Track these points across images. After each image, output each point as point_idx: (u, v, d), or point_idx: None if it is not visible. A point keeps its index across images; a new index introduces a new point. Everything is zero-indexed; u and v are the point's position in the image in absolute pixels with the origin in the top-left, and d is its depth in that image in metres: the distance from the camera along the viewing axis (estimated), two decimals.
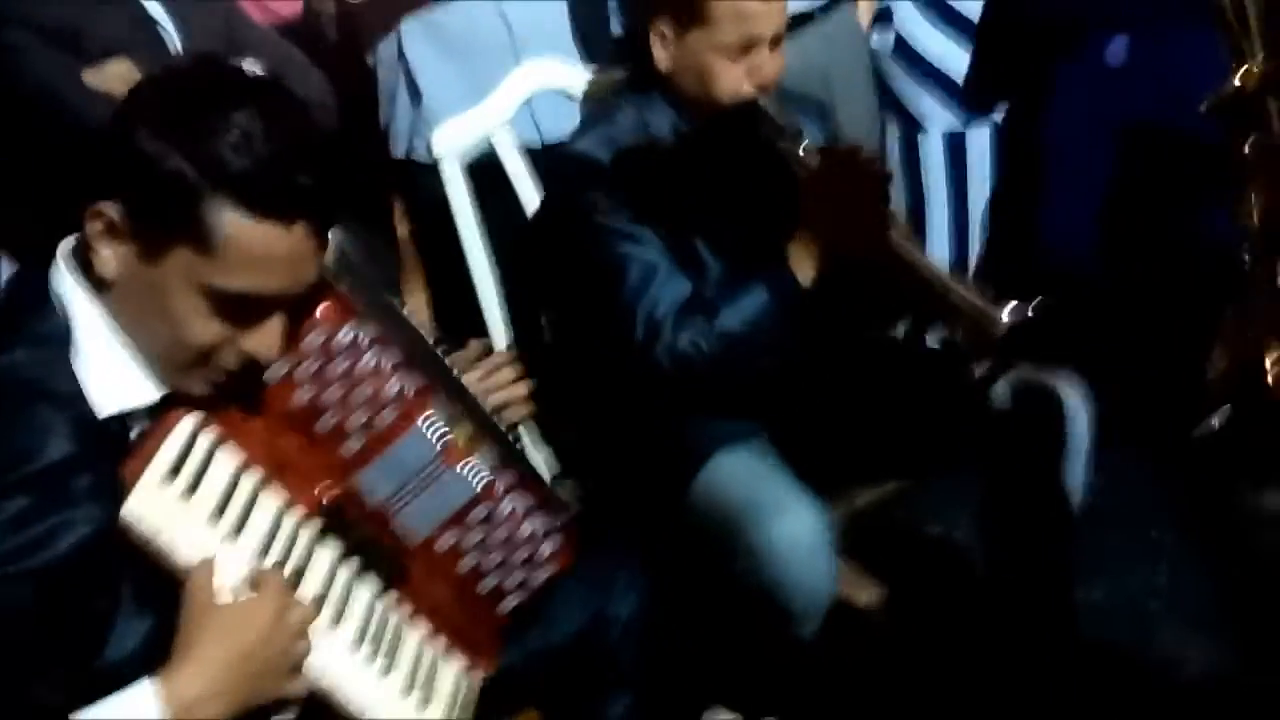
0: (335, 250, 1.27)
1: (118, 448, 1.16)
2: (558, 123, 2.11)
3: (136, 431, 1.19)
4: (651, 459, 1.77)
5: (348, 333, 1.26)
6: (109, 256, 1.13)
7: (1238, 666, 2.00)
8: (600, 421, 1.84)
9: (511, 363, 1.47)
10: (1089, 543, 1.88)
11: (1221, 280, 1.44)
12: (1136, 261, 2.33)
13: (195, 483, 1.18)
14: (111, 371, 1.16)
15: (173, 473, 1.17)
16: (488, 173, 2.03)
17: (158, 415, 1.19)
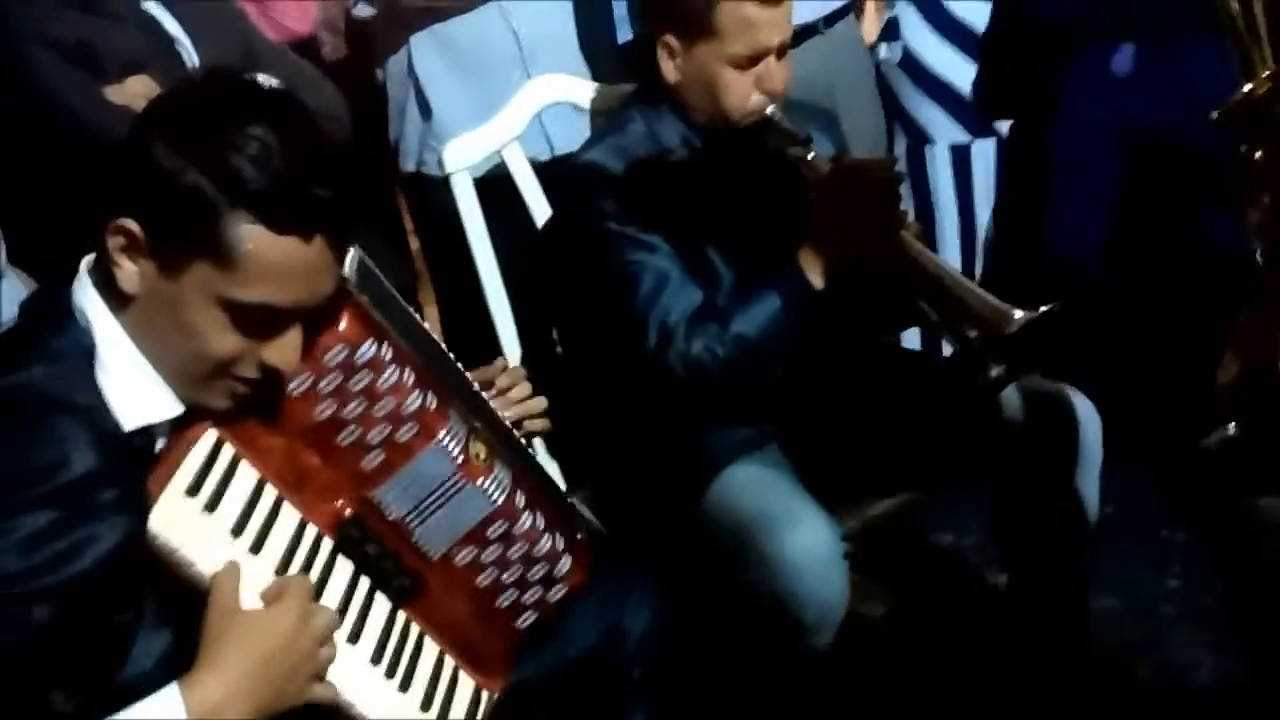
0: (356, 264, 1.28)
1: (141, 461, 1.17)
2: (568, 136, 2.12)
3: (160, 445, 1.20)
4: (664, 470, 1.77)
5: (369, 348, 1.26)
6: (129, 271, 1.14)
7: (1250, 672, 2.01)
8: (612, 434, 1.85)
9: (527, 377, 1.47)
10: (1100, 549, 1.88)
11: (1229, 287, 1.44)
12: (1143, 269, 2.33)
13: (217, 497, 1.19)
14: (134, 385, 1.17)
15: (195, 487, 1.17)
16: (498, 186, 2.04)
17: (180, 429, 1.20)
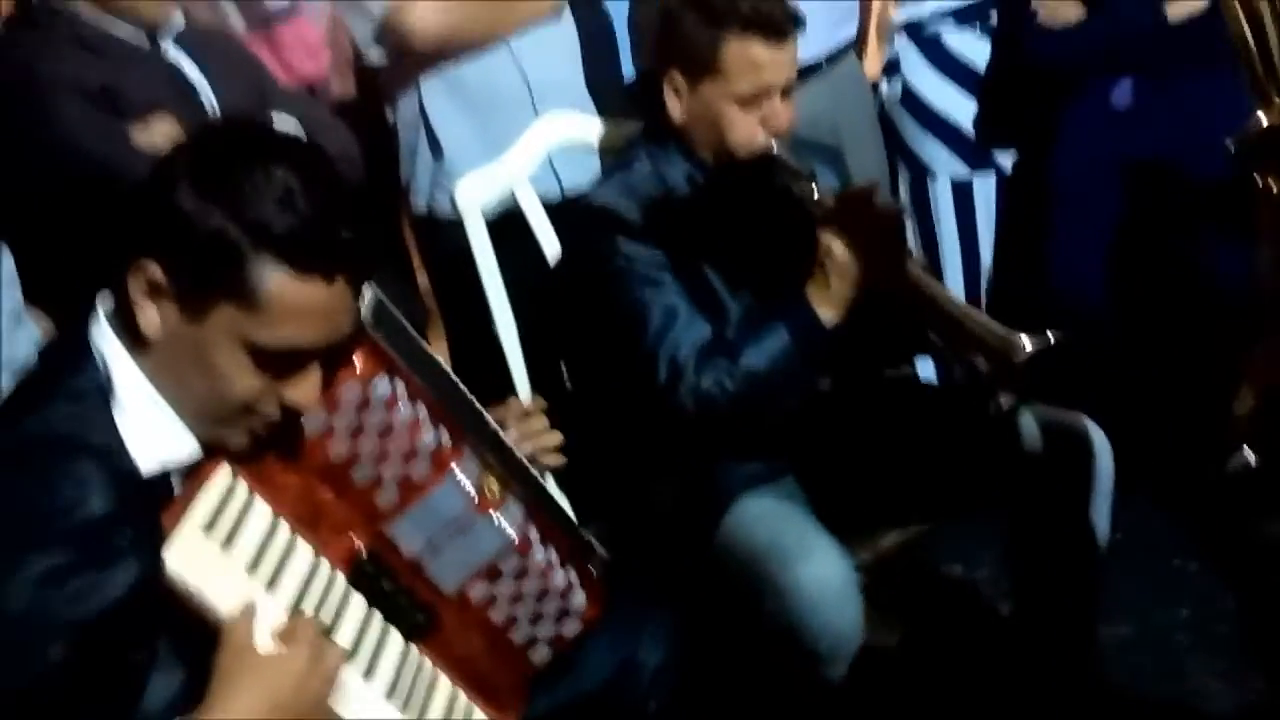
0: (370, 301, 1.29)
1: (157, 501, 1.18)
2: (577, 174, 2.14)
3: (176, 484, 1.21)
4: (677, 503, 1.78)
5: (384, 386, 1.27)
6: (151, 314, 1.15)
7: (1265, 701, 1.99)
8: (624, 468, 1.86)
9: (542, 412, 1.48)
10: (1112, 579, 1.88)
11: (1234, 316, 1.45)
12: (1147, 300, 2.34)
13: (232, 533, 1.20)
14: (152, 426, 1.18)
15: (210, 524, 1.18)
16: (508, 224, 2.06)
17: (195, 466, 1.21)
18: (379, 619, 1.30)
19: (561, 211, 2.07)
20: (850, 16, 2.65)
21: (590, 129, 2.10)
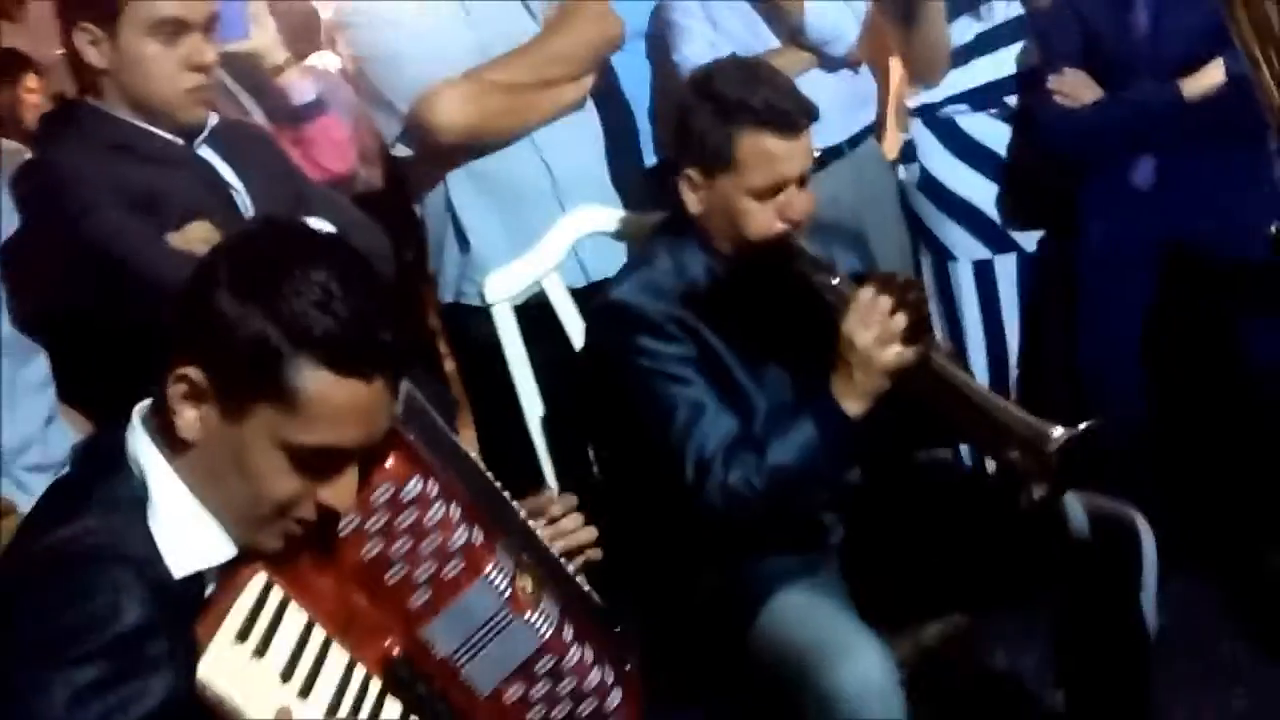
0: (403, 397, 1.29)
1: (192, 608, 1.17)
2: (603, 262, 2.16)
3: (210, 589, 1.19)
4: (710, 600, 1.75)
5: (415, 485, 1.26)
6: (190, 417, 1.15)
7: None
8: (656, 562, 1.83)
9: (576, 508, 1.47)
10: (1161, 667, 1.83)
11: (1273, 400, 1.43)
12: (1182, 382, 2.32)
13: (266, 641, 1.18)
14: (188, 531, 1.17)
15: (244, 632, 1.17)
16: (536, 313, 2.07)
17: (230, 571, 1.20)
18: None
19: (588, 299, 2.08)
20: (870, 99, 2.68)
21: (615, 221, 2.12)
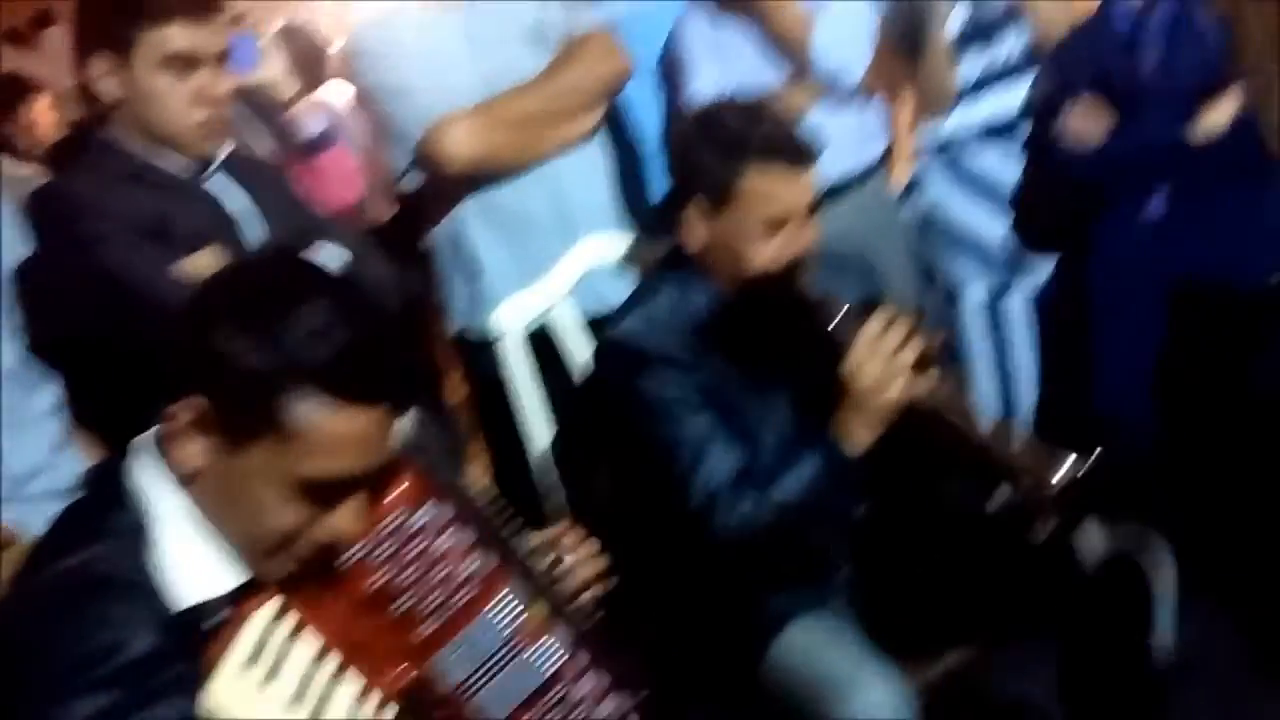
0: (412, 428, 1.28)
1: (199, 637, 1.16)
2: (613, 293, 2.15)
3: (218, 618, 1.18)
4: (721, 634, 1.74)
5: (425, 514, 1.26)
6: (193, 448, 1.15)
7: None
8: (667, 594, 1.82)
9: (586, 538, 1.46)
10: (1175, 698, 1.81)
11: None
12: (1196, 415, 2.31)
13: (274, 669, 1.17)
14: (193, 561, 1.17)
15: (252, 660, 1.15)
16: (545, 341, 2.06)
17: (238, 600, 1.19)
18: None
19: (598, 329, 2.07)
20: (880, 133, 2.69)
21: (624, 251, 2.12)
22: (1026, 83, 2.60)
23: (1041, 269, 2.64)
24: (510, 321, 2.01)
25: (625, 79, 2.41)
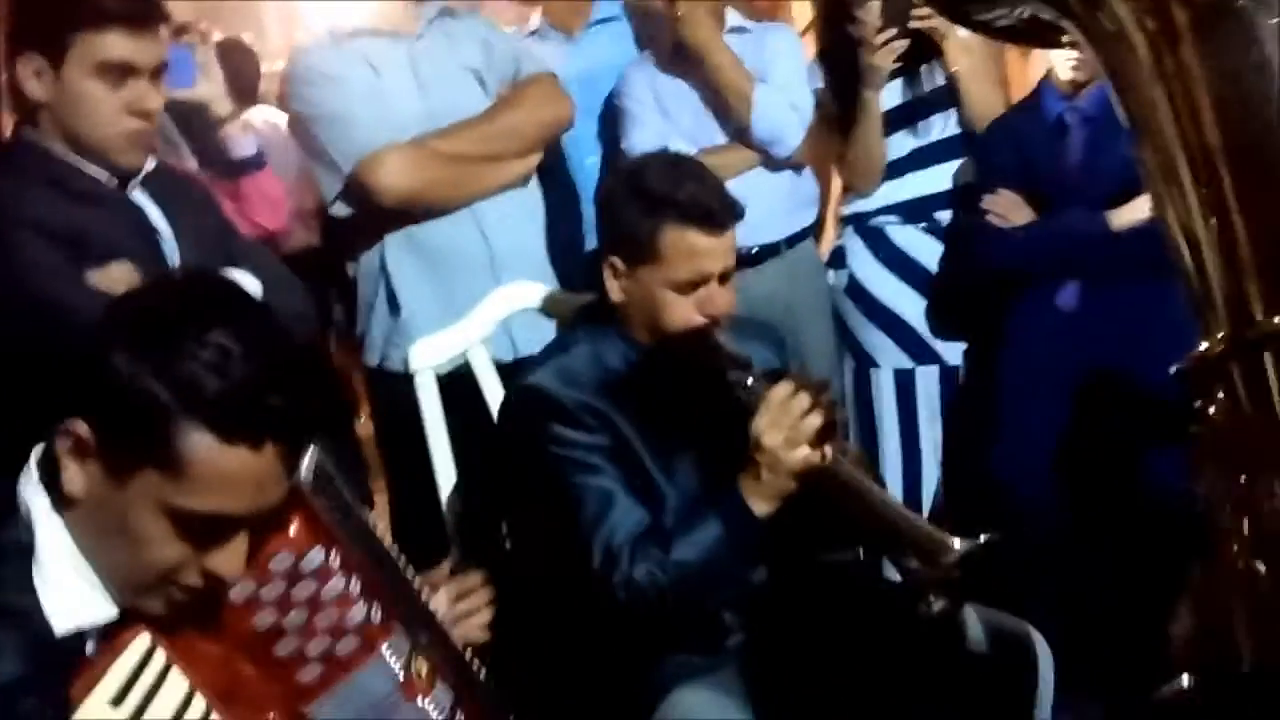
0: (313, 465, 1.26)
1: (70, 665, 1.12)
2: (532, 339, 2.16)
3: (91, 647, 1.15)
4: (608, 692, 1.73)
5: (316, 555, 1.23)
6: (75, 474, 1.12)
7: None
8: (559, 648, 1.81)
9: (484, 585, 1.45)
10: None
11: (1181, 529, 1.45)
12: (1093, 505, 2.35)
13: (142, 709, 1.13)
14: (70, 586, 1.13)
15: (120, 696, 1.12)
16: (458, 384, 2.05)
17: (114, 631, 1.16)
18: None
19: (512, 374, 2.07)
20: (811, 202, 2.73)
21: (541, 299, 2.12)
22: (952, 166, 2.66)
23: (954, 347, 2.69)
24: (426, 359, 1.99)
25: (566, 125, 2.43)
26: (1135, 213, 2.35)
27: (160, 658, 1.17)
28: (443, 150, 2.25)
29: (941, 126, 2.66)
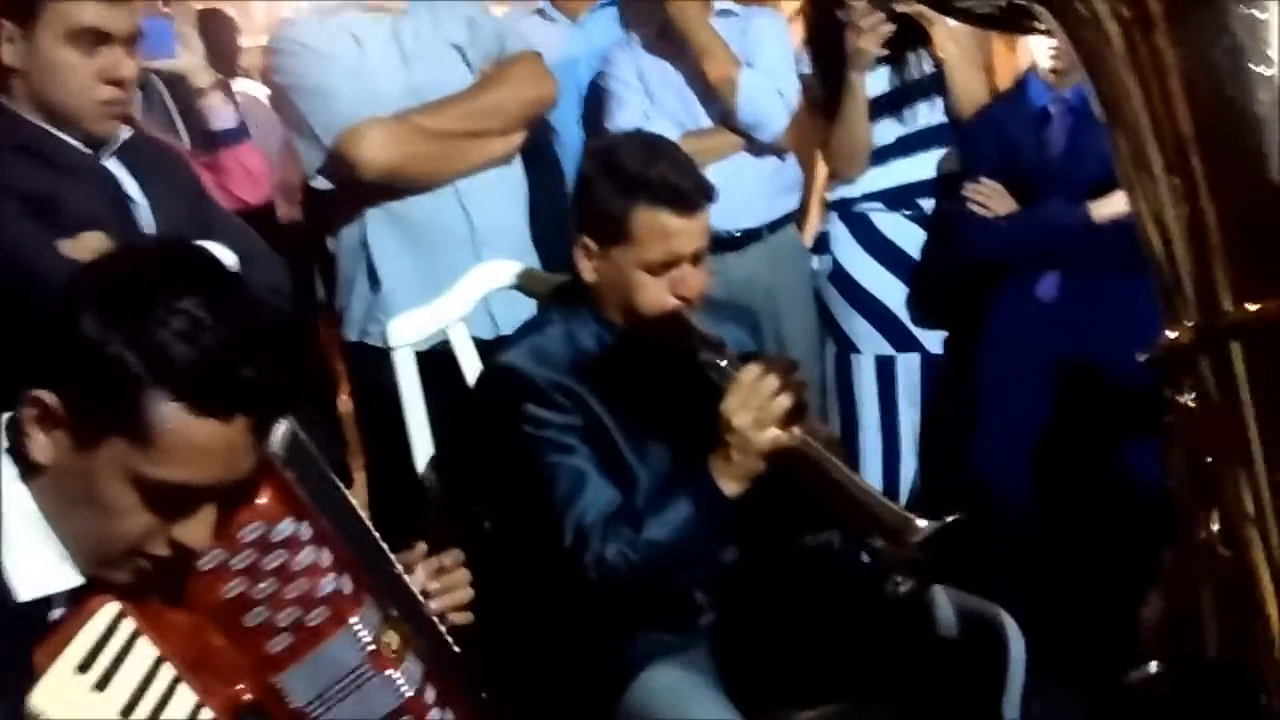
0: (287, 437, 1.26)
1: (35, 633, 1.12)
2: (513, 317, 2.15)
3: (56, 614, 1.15)
4: (578, 671, 1.73)
5: (287, 526, 1.23)
6: (41, 442, 1.11)
7: None
8: (533, 627, 1.81)
9: (462, 564, 1.45)
10: None
11: (1155, 517, 1.46)
12: (1068, 491, 2.37)
13: (109, 675, 1.13)
14: (35, 554, 1.13)
15: (87, 663, 1.12)
16: (438, 361, 2.05)
17: (81, 598, 1.15)
18: None
19: (492, 351, 2.06)
20: (794, 187, 2.73)
21: (516, 277, 2.11)
22: (937, 155, 2.66)
23: (936, 335, 2.70)
24: (405, 335, 1.99)
25: (549, 104, 2.42)
26: (1116, 205, 2.36)
27: (128, 625, 1.17)
28: (425, 125, 2.24)
29: (927, 114, 2.66)
